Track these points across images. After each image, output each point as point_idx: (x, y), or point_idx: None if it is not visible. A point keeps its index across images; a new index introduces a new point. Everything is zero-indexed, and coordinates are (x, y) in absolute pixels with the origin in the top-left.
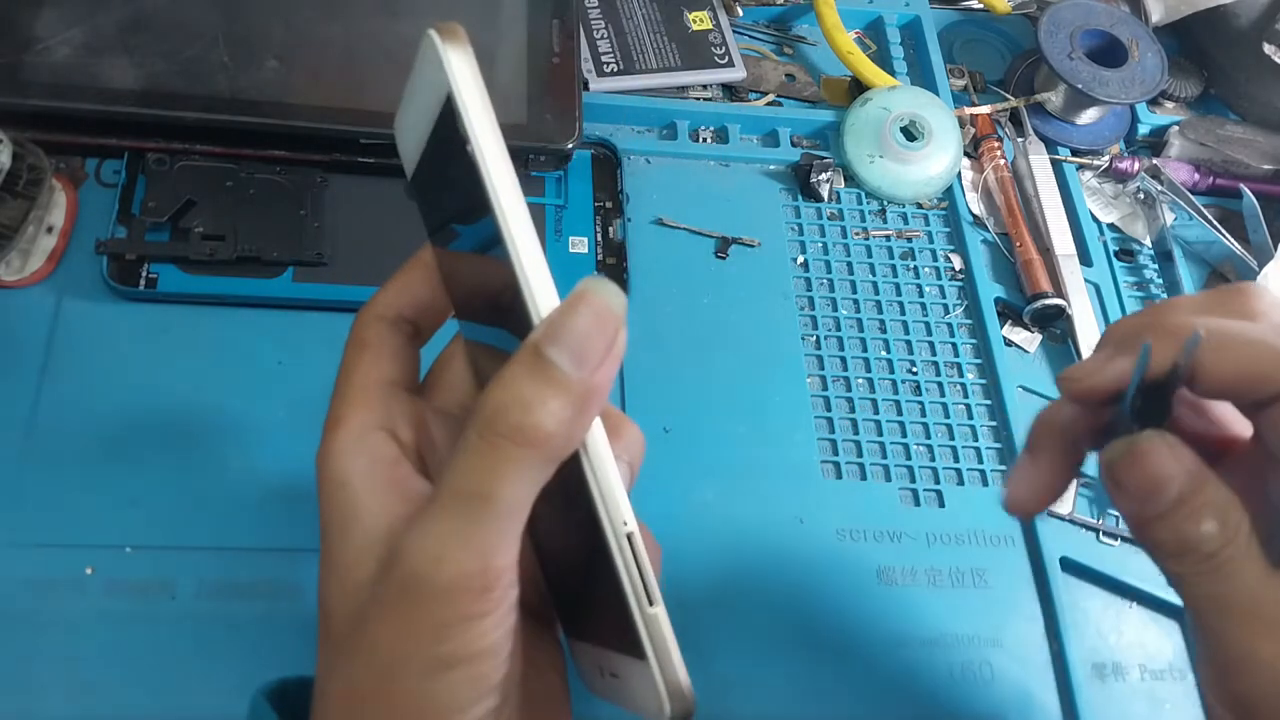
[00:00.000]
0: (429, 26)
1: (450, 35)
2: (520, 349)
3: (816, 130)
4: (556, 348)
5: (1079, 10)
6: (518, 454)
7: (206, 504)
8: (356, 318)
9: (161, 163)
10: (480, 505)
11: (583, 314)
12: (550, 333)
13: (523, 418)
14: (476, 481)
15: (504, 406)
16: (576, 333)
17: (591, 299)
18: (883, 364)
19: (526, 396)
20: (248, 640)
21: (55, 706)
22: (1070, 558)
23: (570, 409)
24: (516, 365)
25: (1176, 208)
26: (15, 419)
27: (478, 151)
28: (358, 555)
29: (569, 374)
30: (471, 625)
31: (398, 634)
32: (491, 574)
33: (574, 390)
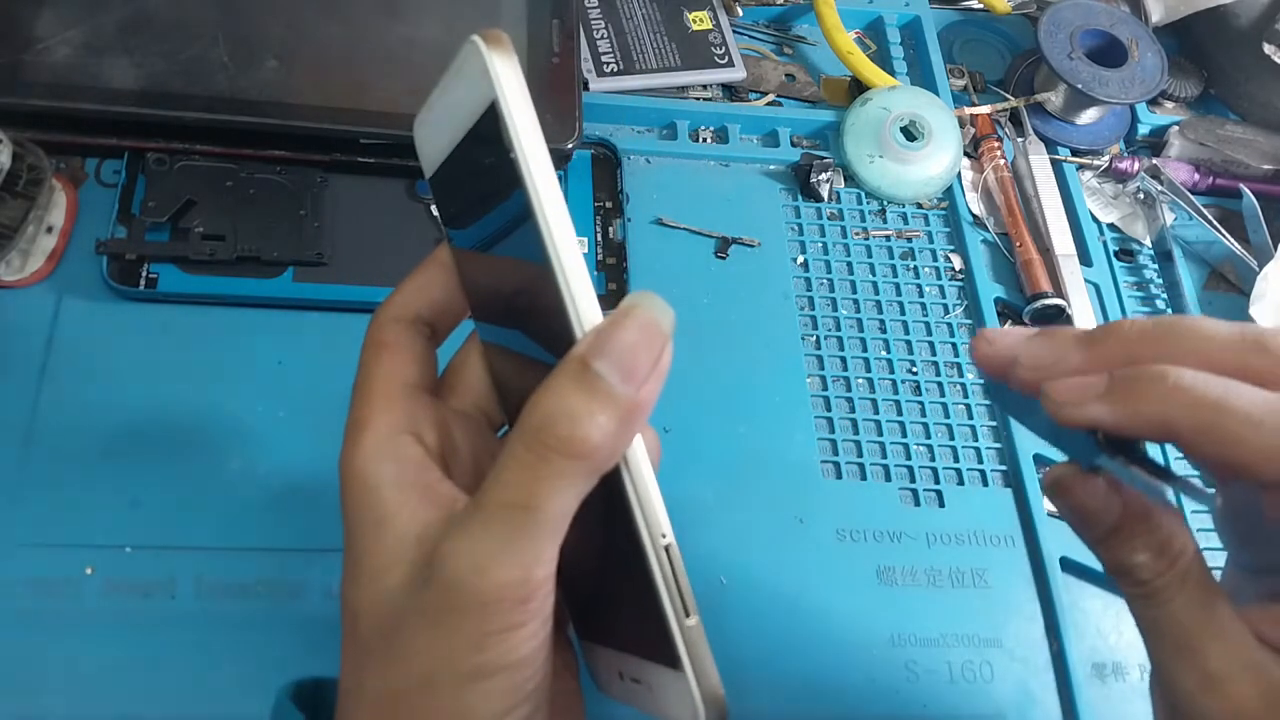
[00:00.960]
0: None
1: (496, 43)
2: (566, 361)
3: (816, 130)
4: (604, 361)
5: (1079, 10)
6: (564, 466)
7: (206, 504)
8: (374, 318)
9: (161, 163)
10: (525, 516)
11: (631, 329)
12: (598, 346)
13: (572, 430)
14: (522, 493)
15: (552, 419)
16: (625, 347)
17: (640, 314)
18: (883, 364)
19: (575, 409)
20: (248, 640)
21: (55, 706)
22: (1070, 558)
23: (616, 423)
24: (563, 377)
25: (1176, 208)
26: (15, 419)
27: (523, 161)
28: (389, 559)
29: (616, 388)
30: (510, 635)
31: (437, 642)
32: (532, 585)
33: (621, 405)
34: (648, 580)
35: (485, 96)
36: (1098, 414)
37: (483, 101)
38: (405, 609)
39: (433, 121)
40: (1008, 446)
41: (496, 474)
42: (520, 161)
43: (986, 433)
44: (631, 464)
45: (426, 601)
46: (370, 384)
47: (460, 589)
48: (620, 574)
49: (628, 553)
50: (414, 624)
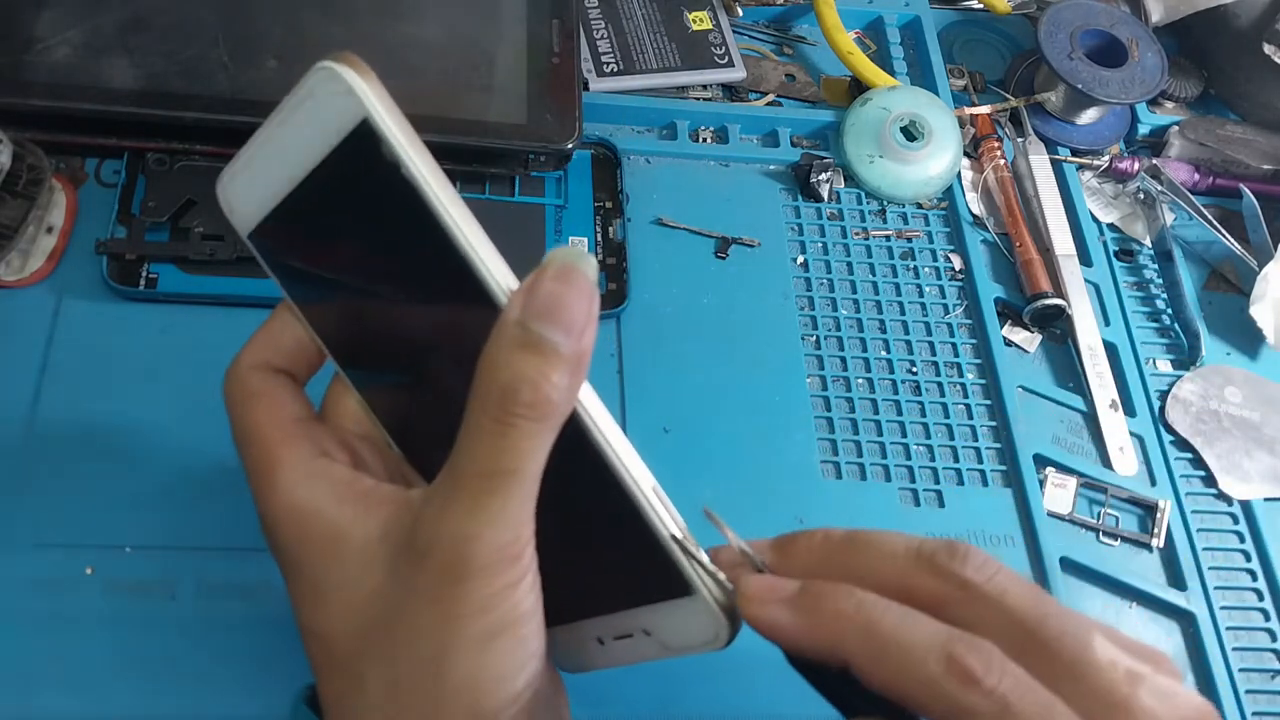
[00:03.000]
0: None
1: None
2: (504, 327)
3: (816, 130)
4: (543, 322)
5: (1079, 10)
6: (533, 428)
7: (206, 504)
8: (229, 374)
9: (161, 163)
10: (505, 481)
11: (557, 283)
12: (532, 307)
13: (534, 394)
14: (498, 460)
15: (513, 388)
16: (557, 302)
17: (560, 267)
18: (883, 364)
19: (530, 374)
20: (248, 640)
21: (55, 706)
22: (1070, 558)
23: (569, 377)
24: (508, 345)
25: (1176, 208)
26: (15, 419)
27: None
28: (357, 570)
29: (561, 345)
30: (511, 592)
31: (443, 617)
32: (522, 540)
33: (568, 359)
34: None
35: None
36: (779, 617)
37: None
38: (398, 601)
39: (258, 168)
40: (1008, 446)
41: (467, 447)
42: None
43: (986, 433)
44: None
45: (423, 583)
46: (260, 429)
47: (459, 559)
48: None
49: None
50: (414, 608)
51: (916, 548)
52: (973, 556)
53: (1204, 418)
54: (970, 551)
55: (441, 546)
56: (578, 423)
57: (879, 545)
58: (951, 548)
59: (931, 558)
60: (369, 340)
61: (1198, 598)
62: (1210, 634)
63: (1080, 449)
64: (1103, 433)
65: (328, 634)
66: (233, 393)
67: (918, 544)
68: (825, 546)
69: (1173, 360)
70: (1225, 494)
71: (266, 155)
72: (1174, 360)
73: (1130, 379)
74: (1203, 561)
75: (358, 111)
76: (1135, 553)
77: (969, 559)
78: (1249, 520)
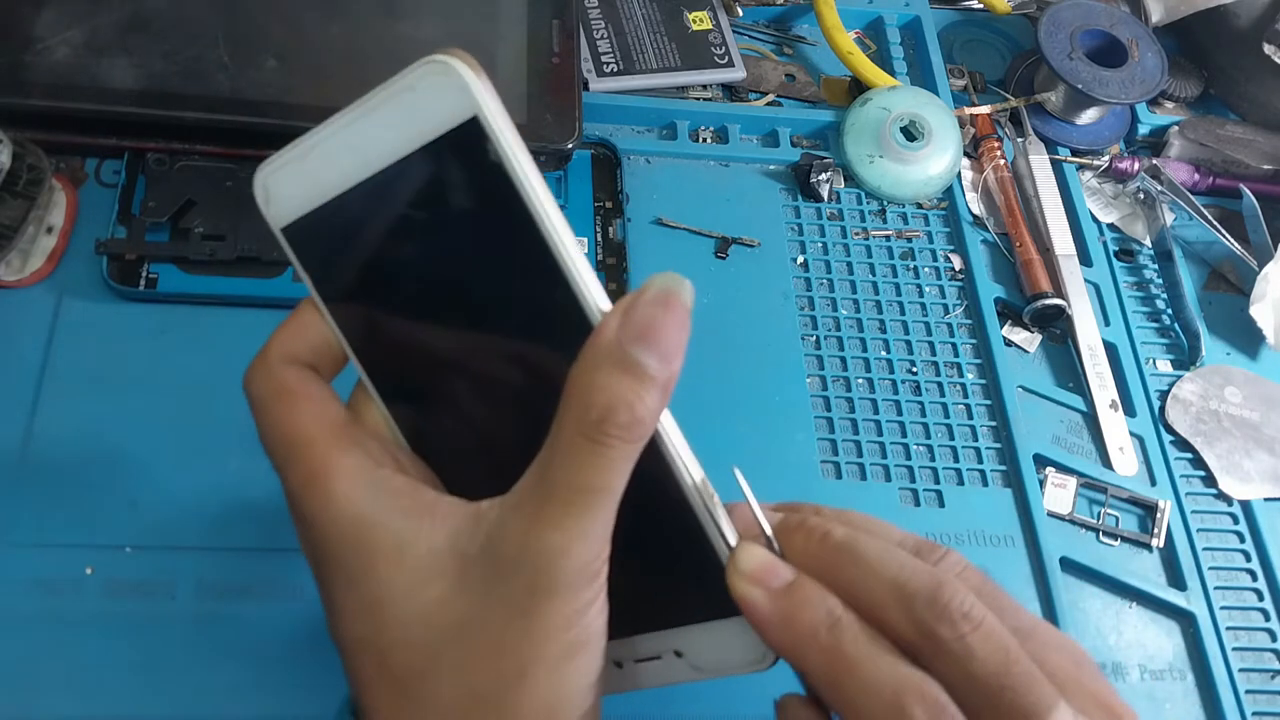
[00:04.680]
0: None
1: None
2: (600, 347)
3: (816, 130)
4: (640, 345)
5: (1079, 10)
6: (626, 449)
7: (206, 504)
8: (258, 368)
9: (161, 163)
10: (595, 498)
11: (656, 307)
12: (630, 329)
13: (629, 416)
14: (591, 477)
15: (611, 409)
16: (655, 327)
17: (659, 291)
18: (883, 364)
19: (627, 395)
20: (248, 640)
21: (55, 706)
22: (1070, 558)
23: (660, 400)
24: (605, 365)
25: (1176, 208)
26: (15, 419)
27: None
28: (417, 581)
29: (654, 369)
30: (590, 609)
31: (528, 631)
32: (602, 559)
33: (661, 383)
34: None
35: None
36: (759, 603)
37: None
38: (473, 614)
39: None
40: (1008, 446)
41: (559, 463)
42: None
43: (986, 433)
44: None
45: (506, 597)
46: (306, 432)
47: (547, 574)
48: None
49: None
50: (494, 622)
51: (903, 584)
52: (952, 610)
53: (1204, 418)
54: (951, 604)
55: (531, 558)
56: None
57: (870, 567)
58: (933, 596)
59: (910, 602)
60: (412, 348)
61: (1198, 598)
62: (1210, 634)
63: (1080, 449)
64: (1103, 433)
65: (383, 645)
66: (264, 390)
67: (905, 578)
68: (822, 549)
69: (1173, 360)
70: (1225, 494)
71: (333, 147)
72: (1174, 360)
73: (1130, 379)
74: (1203, 561)
75: (468, 108)
76: (1135, 553)
77: (947, 613)
78: (1249, 520)
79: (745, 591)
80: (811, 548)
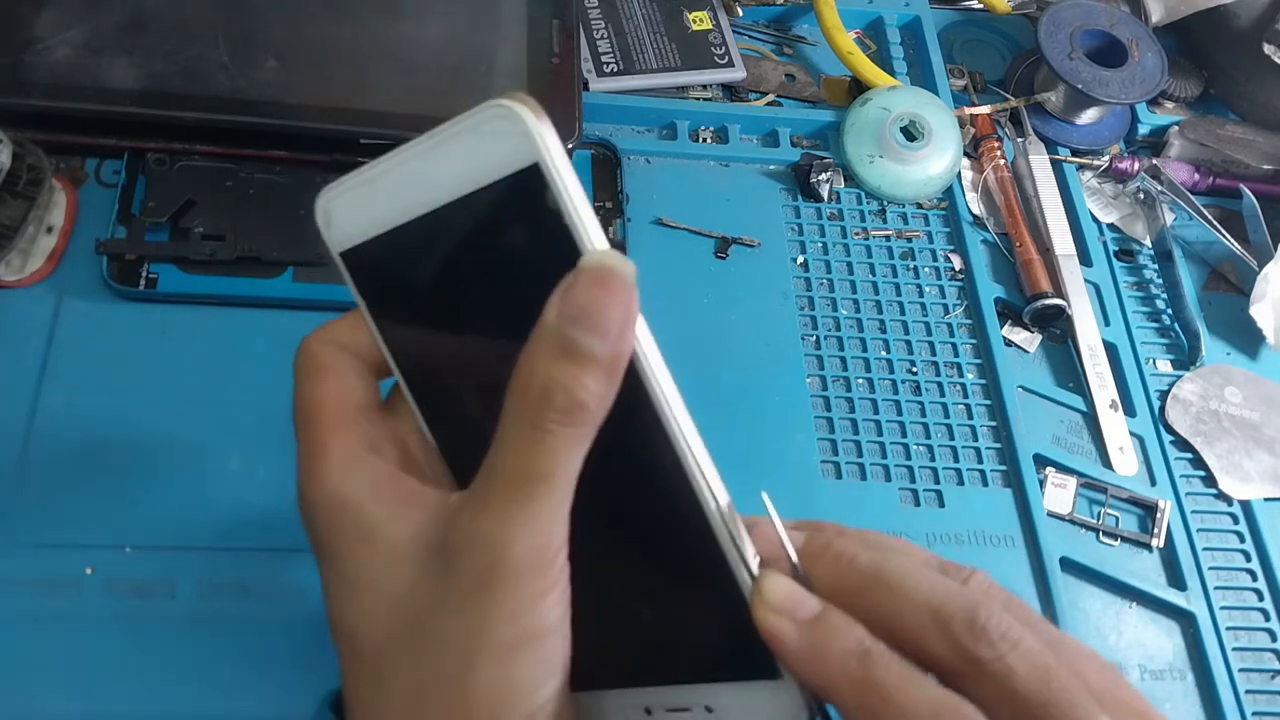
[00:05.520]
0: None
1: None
2: (541, 331)
3: (816, 130)
4: (578, 326)
5: (1079, 10)
6: (567, 434)
7: (206, 504)
8: (305, 343)
9: (161, 163)
10: (538, 486)
11: (590, 286)
12: (566, 311)
13: (568, 400)
14: (533, 465)
15: (547, 393)
16: (591, 306)
17: (594, 270)
18: (883, 364)
19: (564, 379)
20: (248, 640)
21: (56, 706)
22: (1070, 558)
23: (603, 382)
24: (542, 349)
25: (1176, 208)
26: (15, 419)
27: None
28: (385, 568)
29: (595, 349)
30: (540, 601)
31: (472, 623)
32: (554, 548)
33: (603, 364)
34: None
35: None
36: (786, 635)
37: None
38: (426, 603)
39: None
40: (1008, 446)
41: (501, 452)
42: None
43: (986, 433)
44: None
45: (454, 586)
46: (317, 408)
47: (490, 564)
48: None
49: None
50: (444, 612)
51: (936, 608)
52: (990, 631)
53: (1204, 418)
54: (989, 624)
55: (473, 549)
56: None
57: (901, 593)
58: (971, 619)
59: (948, 625)
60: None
61: (1198, 598)
62: (1210, 634)
63: (1080, 449)
64: (1103, 433)
65: (355, 630)
66: (301, 365)
67: (939, 602)
68: (850, 574)
69: (1173, 360)
70: (1225, 494)
71: (397, 178)
72: (1174, 360)
73: (1130, 379)
74: (1203, 561)
75: (529, 155)
76: (1135, 553)
77: (985, 634)
78: (1249, 520)
79: (772, 623)
80: (839, 574)
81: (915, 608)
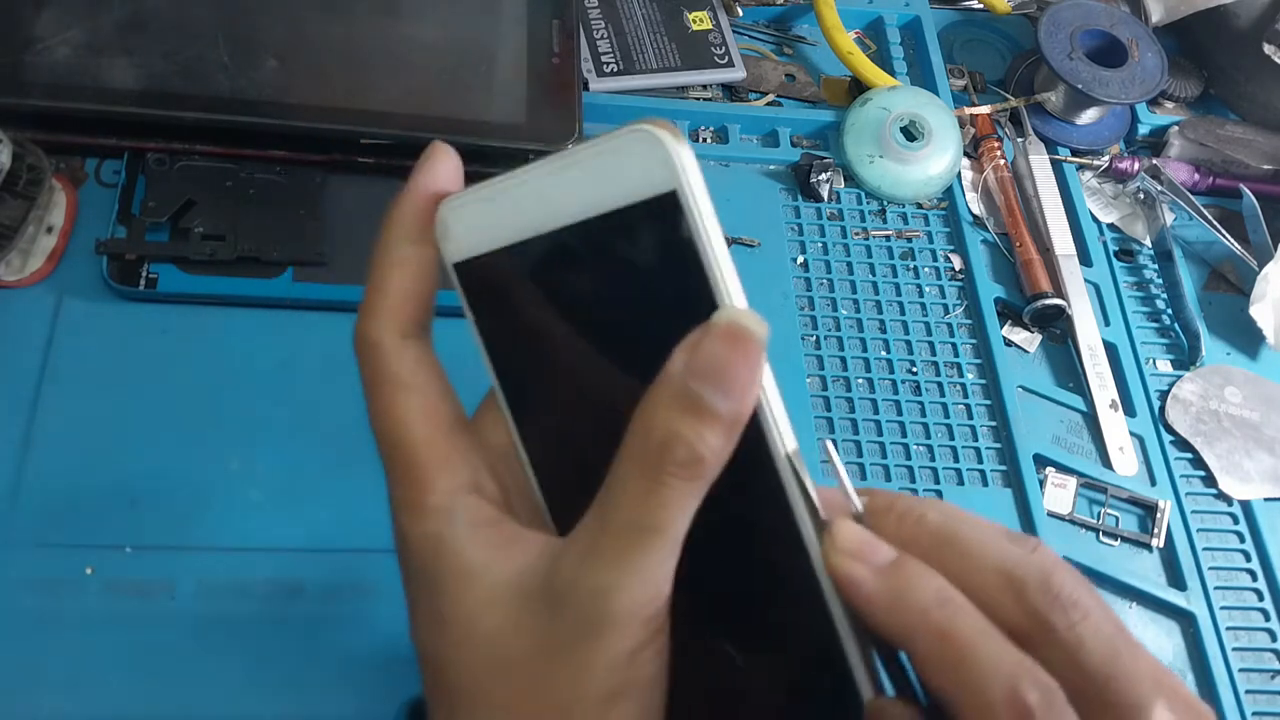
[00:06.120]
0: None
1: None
2: (665, 382)
3: (816, 130)
4: (704, 382)
5: (1079, 10)
6: (685, 487)
7: (206, 504)
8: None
9: (161, 163)
10: (650, 536)
11: (720, 343)
12: (693, 365)
13: (688, 454)
14: (647, 516)
15: (668, 445)
16: (718, 362)
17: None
18: (883, 364)
19: (686, 433)
20: (248, 640)
21: (56, 706)
22: (1070, 558)
23: (723, 439)
24: (666, 401)
25: (1176, 208)
26: (15, 418)
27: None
28: (480, 607)
29: (718, 406)
30: (642, 653)
31: (572, 670)
32: (659, 601)
33: (725, 421)
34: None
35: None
36: (863, 579)
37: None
38: (524, 647)
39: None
40: (1008, 446)
41: (614, 500)
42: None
43: (986, 433)
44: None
45: (555, 632)
46: (411, 437)
47: (596, 613)
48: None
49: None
50: (543, 657)
51: (1010, 570)
52: (1063, 598)
53: (1204, 418)
54: (1062, 592)
55: (579, 597)
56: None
57: (974, 553)
58: (1045, 582)
59: (1022, 588)
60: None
61: (1198, 598)
62: (1210, 634)
63: (1080, 449)
64: (1103, 433)
65: (441, 661)
66: (374, 372)
67: (1012, 565)
68: (917, 535)
69: (1173, 360)
70: (1225, 494)
71: (523, 195)
72: (1174, 360)
73: (1130, 379)
74: (1203, 561)
75: (668, 182)
76: (1135, 553)
77: (1058, 600)
78: (1249, 520)
79: (848, 568)
80: (906, 530)
81: (987, 568)
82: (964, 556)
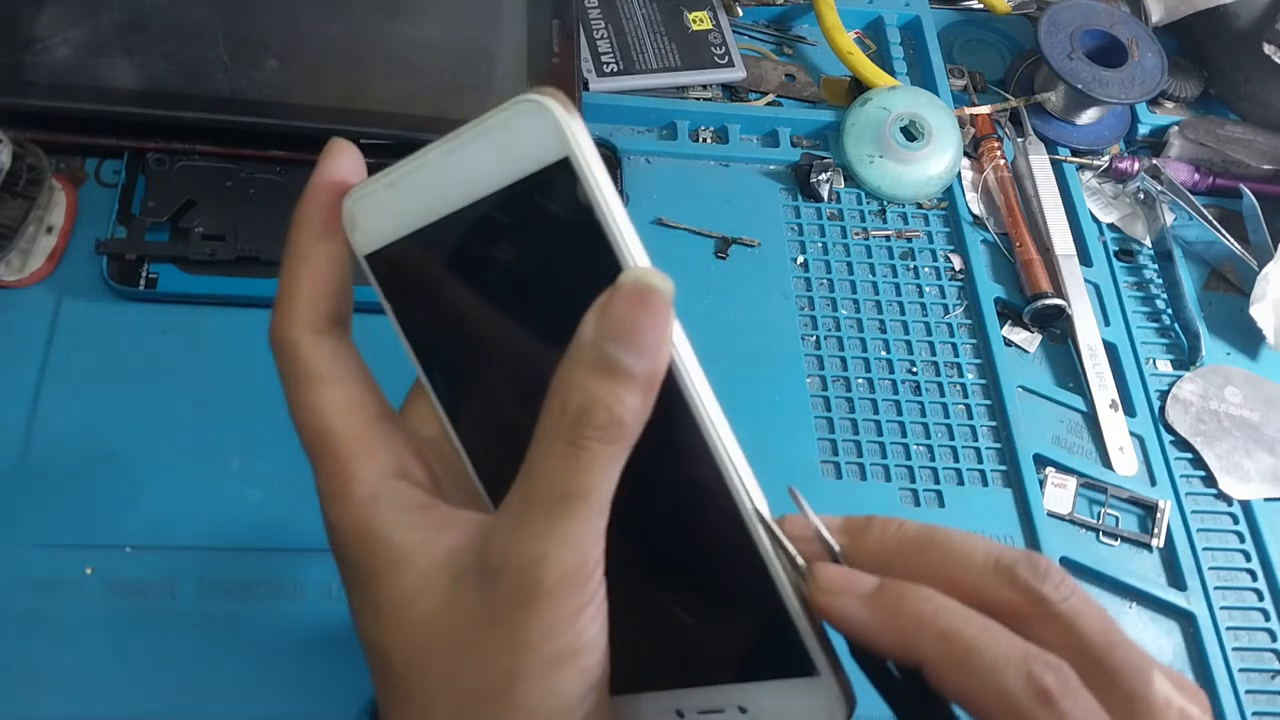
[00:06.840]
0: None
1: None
2: (578, 347)
3: (816, 130)
4: (616, 343)
5: (1079, 10)
6: (606, 450)
7: (206, 504)
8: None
9: (161, 163)
10: (575, 503)
11: (628, 303)
12: (603, 328)
13: (607, 417)
14: (570, 482)
15: (585, 409)
16: (633, 324)
17: (632, 286)
18: (883, 364)
19: (604, 396)
20: (248, 640)
21: (56, 706)
22: (1070, 558)
23: (641, 399)
24: (581, 366)
25: (1176, 208)
26: (15, 419)
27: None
28: (412, 591)
29: (634, 366)
30: (578, 618)
31: (511, 641)
32: (590, 565)
33: (641, 381)
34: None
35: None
36: (854, 612)
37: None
38: (462, 624)
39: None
40: (1008, 446)
41: (537, 468)
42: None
43: (986, 433)
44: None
45: (491, 605)
46: (333, 430)
47: (527, 583)
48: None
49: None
50: (481, 632)
51: (996, 556)
52: (1052, 574)
53: (1204, 418)
54: (1050, 568)
55: (511, 567)
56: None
57: (957, 550)
58: (1032, 561)
59: (1011, 569)
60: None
61: (1198, 598)
62: (1210, 634)
63: (1080, 449)
64: (1103, 433)
65: (384, 650)
66: (294, 370)
67: (997, 553)
68: (900, 542)
69: (1173, 360)
70: (1225, 494)
71: (423, 178)
72: (1174, 360)
73: (1130, 379)
74: (1203, 561)
75: (560, 149)
76: (1135, 553)
77: (1049, 576)
78: (1249, 520)
79: (838, 605)
80: (890, 537)
81: (973, 560)
82: (950, 553)
